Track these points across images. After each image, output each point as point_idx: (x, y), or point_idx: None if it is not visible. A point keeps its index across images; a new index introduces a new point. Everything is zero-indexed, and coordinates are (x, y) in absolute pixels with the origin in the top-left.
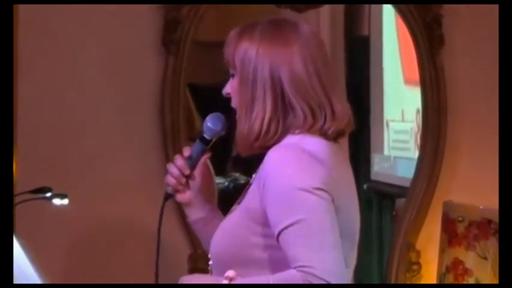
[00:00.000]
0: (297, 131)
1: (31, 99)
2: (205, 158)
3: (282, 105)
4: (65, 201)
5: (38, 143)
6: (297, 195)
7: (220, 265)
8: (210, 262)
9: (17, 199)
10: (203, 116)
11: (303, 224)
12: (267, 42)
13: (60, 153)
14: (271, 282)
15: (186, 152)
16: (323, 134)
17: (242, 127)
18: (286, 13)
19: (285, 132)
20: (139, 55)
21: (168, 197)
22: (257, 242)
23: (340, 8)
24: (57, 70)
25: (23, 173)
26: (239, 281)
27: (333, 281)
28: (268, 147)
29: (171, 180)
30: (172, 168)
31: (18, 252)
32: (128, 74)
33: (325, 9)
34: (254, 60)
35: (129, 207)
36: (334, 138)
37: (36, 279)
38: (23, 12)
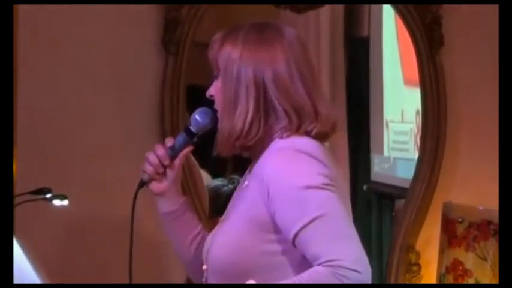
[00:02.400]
0: (285, 135)
1: (31, 100)
2: (187, 150)
3: (264, 106)
4: (65, 202)
5: (37, 143)
6: (308, 193)
7: (225, 276)
8: (205, 274)
9: (17, 200)
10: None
11: (322, 219)
12: (250, 45)
13: (60, 154)
14: (297, 284)
15: (169, 142)
16: (307, 135)
17: (224, 126)
18: (286, 14)
19: (267, 133)
20: (139, 55)
21: (143, 184)
22: (269, 250)
23: (339, 8)
24: (57, 70)
25: (23, 174)
26: None
27: (363, 269)
28: (249, 148)
29: (148, 168)
30: (152, 156)
31: (18, 253)
32: (128, 74)
33: (325, 10)
34: (237, 63)
35: (129, 207)
36: (318, 139)
37: (35, 280)
38: (23, 12)
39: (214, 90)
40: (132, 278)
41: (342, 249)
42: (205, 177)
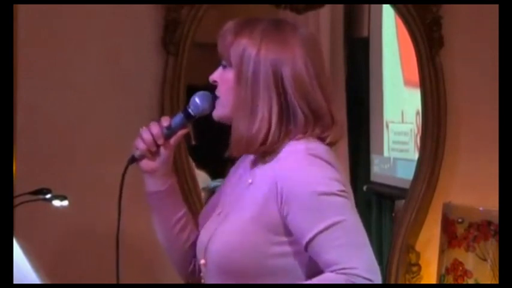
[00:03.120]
0: (297, 136)
1: (31, 100)
2: (182, 132)
3: (286, 111)
4: (65, 203)
5: (37, 144)
6: (325, 200)
7: (229, 275)
8: (203, 269)
9: (16, 200)
10: (202, 118)
11: (337, 226)
12: (268, 41)
13: (60, 154)
14: (307, 284)
15: (165, 121)
16: (320, 140)
17: (242, 130)
18: (286, 14)
19: (285, 136)
20: (139, 56)
21: (134, 160)
22: (276, 252)
23: (339, 9)
24: (57, 70)
25: (23, 174)
26: None
27: (375, 278)
28: (267, 152)
29: (141, 145)
30: (146, 134)
31: (18, 254)
32: (128, 74)
33: (325, 10)
34: (254, 59)
35: (129, 208)
36: (328, 145)
37: (35, 280)
38: (23, 12)
39: (219, 77)
40: (118, 271)
41: (356, 257)
42: (205, 178)
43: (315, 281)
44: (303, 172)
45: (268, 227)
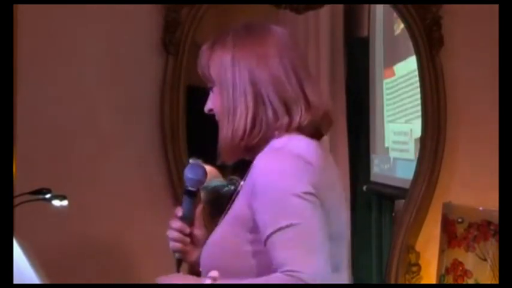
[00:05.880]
0: (276, 132)
1: (30, 100)
2: (200, 209)
3: (262, 104)
4: (65, 203)
5: (37, 144)
6: (286, 200)
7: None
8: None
9: (16, 200)
10: (203, 118)
11: (292, 228)
12: (240, 46)
13: (60, 154)
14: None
15: (179, 211)
16: (301, 129)
17: (226, 132)
18: (286, 14)
19: (267, 132)
20: (139, 56)
21: (180, 262)
22: (248, 250)
23: (339, 9)
24: (57, 71)
25: (23, 174)
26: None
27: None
28: (252, 148)
29: (175, 245)
30: (173, 233)
31: (18, 254)
32: (128, 75)
33: (325, 10)
34: (230, 67)
35: (129, 208)
36: (312, 134)
37: (35, 280)
38: (22, 12)
39: (212, 104)
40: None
41: (305, 261)
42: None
43: (262, 279)
44: (273, 169)
45: (244, 224)
